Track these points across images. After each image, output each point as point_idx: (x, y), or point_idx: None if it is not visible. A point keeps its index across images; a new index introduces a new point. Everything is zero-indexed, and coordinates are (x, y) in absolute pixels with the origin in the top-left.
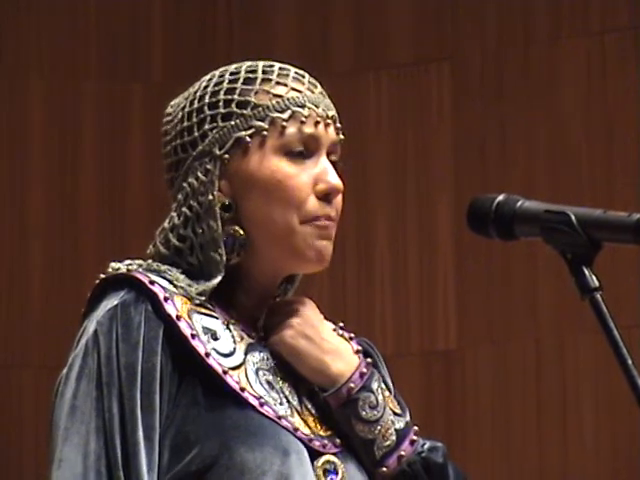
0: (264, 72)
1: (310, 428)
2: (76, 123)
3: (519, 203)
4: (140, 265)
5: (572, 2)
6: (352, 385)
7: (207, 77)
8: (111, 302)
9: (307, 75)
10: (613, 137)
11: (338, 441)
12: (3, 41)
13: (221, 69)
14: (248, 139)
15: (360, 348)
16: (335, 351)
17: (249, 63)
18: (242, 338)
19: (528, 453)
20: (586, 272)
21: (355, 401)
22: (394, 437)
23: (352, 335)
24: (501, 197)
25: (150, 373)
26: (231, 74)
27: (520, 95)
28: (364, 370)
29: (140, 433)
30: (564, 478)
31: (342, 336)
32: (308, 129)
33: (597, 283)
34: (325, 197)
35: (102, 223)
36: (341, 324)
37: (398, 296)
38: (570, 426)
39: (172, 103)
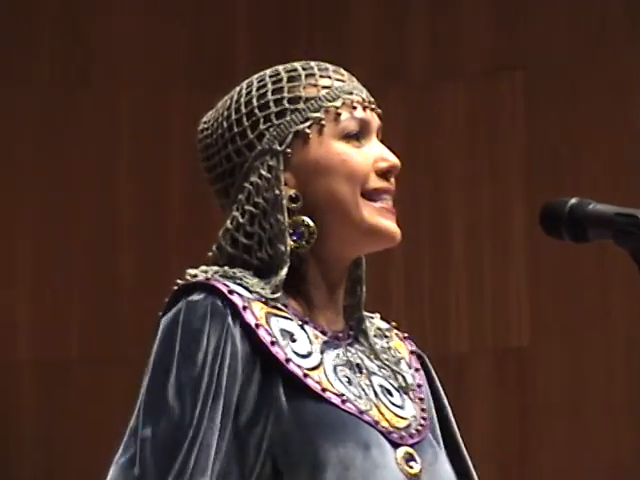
0: (304, 69)
1: (387, 421)
2: (164, 134)
3: (591, 206)
4: (216, 272)
5: None
6: None
7: (242, 87)
8: (194, 298)
9: (341, 69)
10: None
11: (414, 432)
12: (92, 58)
13: (252, 77)
14: (307, 130)
15: (415, 349)
16: None
17: (282, 66)
18: (317, 337)
19: (602, 448)
20: None
21: None
22: None
23: (406, 335)
24: (574, 200)
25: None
26: (271, 77)
27: (592, 102)
28: None
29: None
30: (638, 473)
31: (397, 335)
32: (359, 114)
33: None
34: (384, 174)
35: (189, 232)
36: (393, 323)
37: (473, 294)
38: None
39: (205, 119)
